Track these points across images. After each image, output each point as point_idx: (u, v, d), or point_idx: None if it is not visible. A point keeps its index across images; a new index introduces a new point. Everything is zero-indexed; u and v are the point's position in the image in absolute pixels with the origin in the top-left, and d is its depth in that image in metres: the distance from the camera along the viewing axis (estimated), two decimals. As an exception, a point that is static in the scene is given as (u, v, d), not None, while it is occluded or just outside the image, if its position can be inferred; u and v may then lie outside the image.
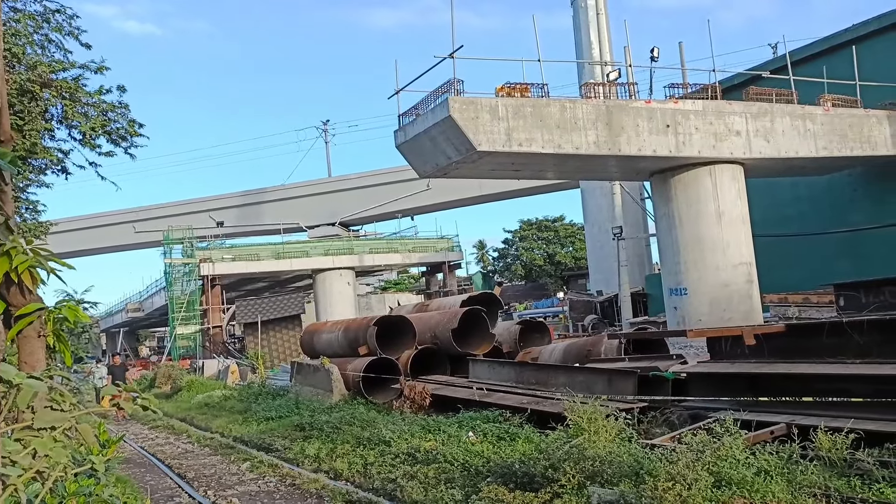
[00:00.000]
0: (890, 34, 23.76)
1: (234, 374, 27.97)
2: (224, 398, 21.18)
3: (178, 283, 41.25)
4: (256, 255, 42.31)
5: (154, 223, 55.79)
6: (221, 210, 57.08)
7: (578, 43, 40.13)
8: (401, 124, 18.62)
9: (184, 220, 49.79)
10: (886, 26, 24.11)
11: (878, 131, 21.38)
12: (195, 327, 40.21)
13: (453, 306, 18.50)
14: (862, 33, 24.55)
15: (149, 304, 58.00)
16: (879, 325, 8.15)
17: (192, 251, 41.13)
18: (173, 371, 30.32)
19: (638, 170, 20.65)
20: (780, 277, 23.40)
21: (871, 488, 5.87)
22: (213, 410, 19.62)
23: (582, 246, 57.96)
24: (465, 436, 9.94)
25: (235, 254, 42.31)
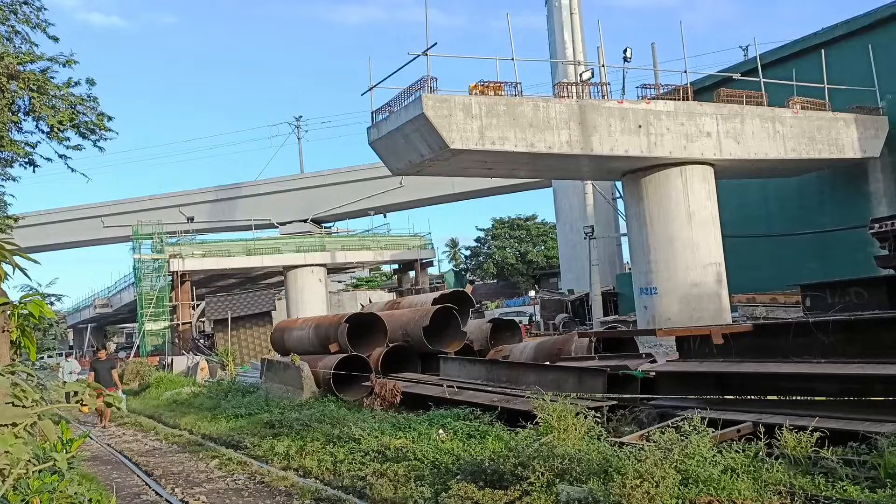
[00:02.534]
0: (857, 39, 24.16)
1: (203, 371, 27.69)
2: (193, 395, 20.96)
3: (147, 278, 40.74)
4: (227, 252, 41.92)
5: (123, 218, 55.11)
6: (192, 206, 56.50)
7: (552, 42, 40.33)
8: (374, 121, 18.55)
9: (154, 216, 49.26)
10: (854, 31, 24.52)
11: (845, 134, 21.75)
12: (164, 324, 39.76)
13: (425, 304, 18.47)
14: (830, 37, 24.94)
15: (117, 299, 57.26)
16: (844, 325, 8.28)
17: (161, 247, 40.63)
18: (141, 367, 29.96)
19: (610, 169, 20.80)
20: (748, 278, 23.72)
21: (835, 486, 5.96)
22: (182, 407, 19.40)
23: (554, 245, 58.29)
24: (436, 433, 9.92)
25: (206, 250, 41.88)
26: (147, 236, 41.69)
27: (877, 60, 22.82)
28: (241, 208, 56.14)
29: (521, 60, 17.98)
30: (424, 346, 16.22)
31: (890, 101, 23.15)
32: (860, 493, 5.74)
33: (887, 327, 8.05)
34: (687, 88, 19.65)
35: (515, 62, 17.64)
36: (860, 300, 10.15)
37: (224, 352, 28.05)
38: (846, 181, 24.08)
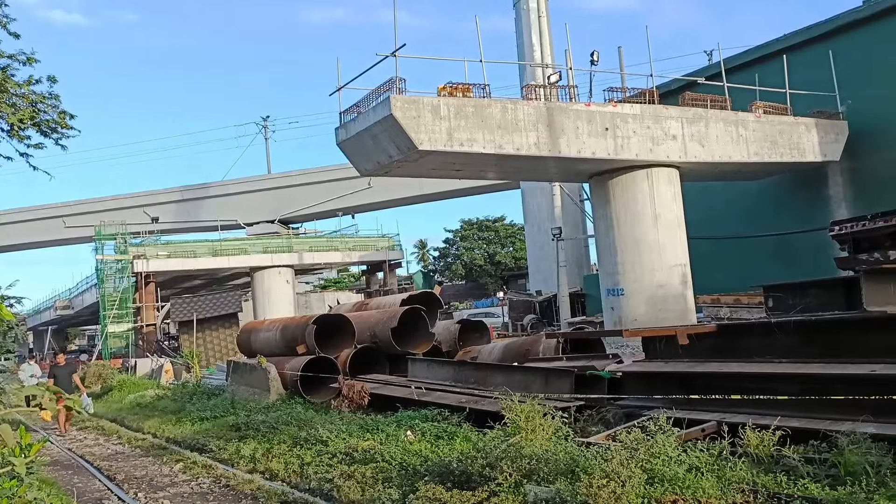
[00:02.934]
0: (818, 45, 24.66)
1: (167, 374, 27.30)
2: (157, 398, 20.66)
3: (110, 280, 40.05)
4: (193, 252, 41.41)
5: (86, 218, 54.16)
6: (157, 206, 55.73)
7: (520, 45, 40.53)
8: (342, 122, 18.47)
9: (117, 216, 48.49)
10: (815, 37, 25.03)
11: (806, 139, 22.19)
12: (127, 325, 39.12)
13: (393, 305, 18.42)
14: (792, 43, 25.43)
15: (79, 301, 56.19)
16: (805, 325, 8.44)
17: (125, 247, 39.98)
18: (104, 370, 29.44)
19: (577, 171, 20.96)
20: (713, 279, 24.05)
21: (797, 484, 6.06)
22: (146, 411, 19.11)
23: (522, 246, 58.56)
24: (404, 435, 9.90)
25: (171, 250, 41.32)
26: (110, 237, 41.00)
27: (837, 66, 23.32)
28: (208, 209, 55.49)
29: (490, 62, 18.06)
30: (392, 348, 16.18)
31: (850, 106, 23.67)
32: (821, 491, 5.85)
33: (846, 328, 8.22)
34: (653, 92, 19.88)
35: (484, 64, 17.71)
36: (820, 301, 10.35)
37: (189, 354, 27.69)
38: (807, 184, 24.55)
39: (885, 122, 23.09)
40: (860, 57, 23.72)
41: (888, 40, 23.22)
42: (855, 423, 6.65)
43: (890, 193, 21.59)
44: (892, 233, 11.71)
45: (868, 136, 23.34)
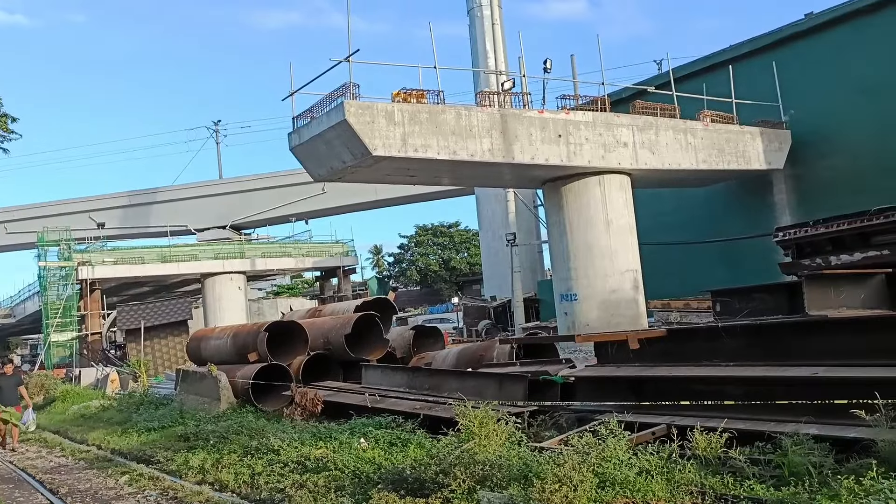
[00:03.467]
0: (763, 56, 25.34)
1: (113, 384, 26.65)
2: (102, 409, 20.16)
3: (54, 287, 38.92)
4: (141, 259, 40.51)
5: (28, 224, 52.64)
6: (104, 211, 54.42)
7: (474, 52, 40.73)
8: (295, 127, 18.31)
9: (61, 221, 47.12)
10: (760, 48, 25.71)
11: (751, 147, 22.76)
12: (72, 334, 38.06)
13: (347, 312, 18.31)
14: (738, 54, 26.08)
15: (20, 309, 54.54)
16: (750, 329, 8.63)
17: (69, 254, 38.90)
18: (47, 380, 28.59)
19: (531, 178, 21.13)
20: (663, 284, 24.46)
21: (743, 485, 6.19)
22: (90, 422, 18.63)
23: (477, 252, 58.78)
24: (357, 442, 9.82)
25: (118, 257, 40.35)
26: (54, 243, 39.88)
27: (780, 77, 23.99)
28: (157, 214, 54.40)
29: (444, 69, 18.09)
30: (346, 355, 16.07)
31: (792, 115, 24.36)
32: (766, 492, 5.97)
33: (789, 331, 8.44)
34: (604, 100, 20.16)
35: (438, 70, 17.74)
36: (765, 305, 10.60)
37: (136, 363, 27.10)
38: (753, 192, 25.17)
39: (826, 131, 23.82)
40: (802, 68, 24.44)
41: (827, 52, 23.98)
42: (798, 425, 6.82)
43: (831, 200, 22.25)
44: (833, 238, 12.06)
45: (810, 144, 24.05)
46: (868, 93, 22.96)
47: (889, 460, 5.83)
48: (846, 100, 23.46)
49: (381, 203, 53.93)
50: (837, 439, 6.53)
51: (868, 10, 22.89)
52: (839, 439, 6.53)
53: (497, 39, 37.57)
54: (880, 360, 7.29)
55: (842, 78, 23.58)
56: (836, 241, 11.73)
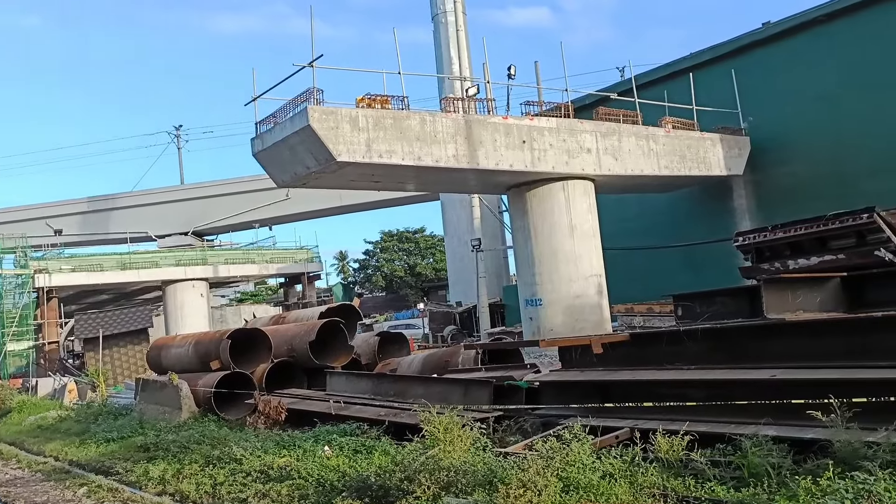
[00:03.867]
0: (722, 63, 25.79)
1: (71, 394, 26.06)
2: (60, 419, 19.69)
3: (10, 295, 37.98)
4: (100, 266, 39.73)
5: (-18, 230, 51.32)
6: (61, 218, 53.25)
7: (439, 57, 40.80)
8: (258, 132, 18.15)
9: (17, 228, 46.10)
10: (719, 56, 26.17)
11: (712, 153, 23.12)
12: (28, 343, 37.16)
13: (311, 318, 18.16)
14: (698, 61, 26.50)
15: (-25, 318, 53.04)
16: (711, 333, 8.75)
17: (25, 261, 38.02)
18: (2, 391, 27.84)
19: (496, 183, 21.20)
20: (627, 289, 24.67)
21: (704, 487, 6.26)
22: (48, 433, 18.18)
23: (442, 257, 58.80)
24: (321, 450, 9.73)
25: (75, 264, 39.54)
26: (9, 250, 38.93)
27: (739, 84, 24.44)
28: (116, 221, 53.46)
29: (408, 75, 18.09)
30: (311, 362, 15.93)
31: (751, 122, 24.82)
32: (726, 493, 6.05)
33: (749, 334, 8.57)
34: (568, 106, 20.34)
35: (402, 76, 17.73)
36: (726, 309, 10.75)
37: (95, 372, 26.52)
38: (713, 197, 25.57)
39: (784, 137, 24.32)
40: (760, 76, 24.93)
41: (785, 60, 24.51)
42: (758, 426, 6.93)
43: (789, 205, 22.70)
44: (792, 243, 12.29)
45: (769, 150, 24.52)
46: (824, 100, 23.49)
47: (845, 460, 5.95)
48: (803, 107, 23.98)
49: (346, 209, 53.70)
50: (795, 440, 6.64)
51: (823, 19, 23.44)
52: (797, 440, 6.64)
53: (461, 46, 37.70)
54: (836, 361, 7.44)
55: (799, 85, 24.11)
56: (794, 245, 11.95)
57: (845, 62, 23.03)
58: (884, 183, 21.36)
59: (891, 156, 21.77)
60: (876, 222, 9.99)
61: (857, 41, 22.76)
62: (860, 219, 10.18)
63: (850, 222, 10.34)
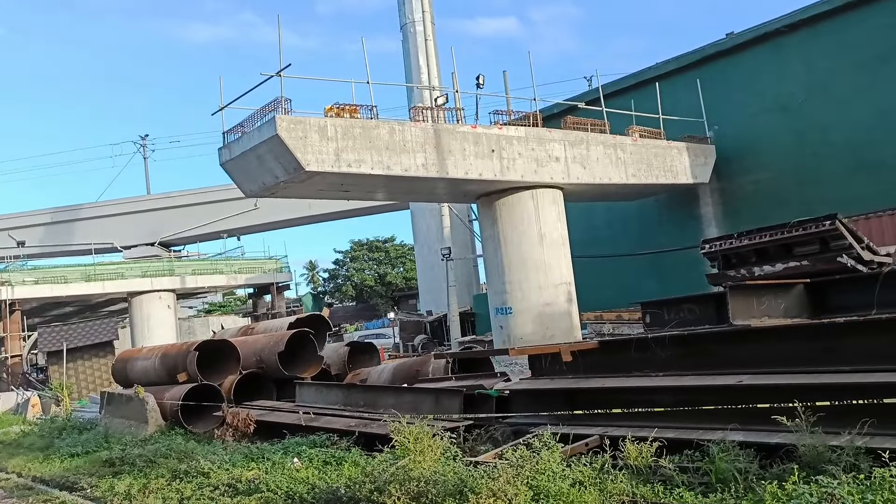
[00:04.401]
0: (687, 73, 26.19)
1: (35, 408, 25.53)
2: (23, 434, 19.26)
3: (-29, 308, 37.17)
4: (64, 278, 39.06)
5: (-57, 242, 50.16)
6: (24, 229, 52.23)
7: (408, 67, 40.87)
8: (226, 142, 18.00)
9: (-22, 239, 45.18)
10: (684, 66, 26.56)
11: (678, 161, 23.42)
12: (-10, 357, 36.39)
13: (280, 329, 17.99)
14: (663, 71, 26.88)
15: (-66, 332, 51.75)
16: (679, 339, 8.83)
17: (-13, 273, 37.27)
18: (-37, 407, 27.22)
19: (465, 192, 21.25)
20: (596, 296, 24.88)
21: (672, 493, 6.29)
22: (10, 448, 17.76)
23: (412, 266, 58.72)
24: (290, 462, 9.63)
25: (39, 276, 38.83)
26: (-29, 262, 38.16)
27: (704, 94, 24.83)
28: (81, 232, 52.57)
29: (377, 84, 18.09)
30: (280, 373, 15.77)
31: (717, 131, 25.23)
32: (694, 499, 6.09)
33: (715, 341, 8.66)
34: (536, 115, 20.47)
35: (371, 85, 17.72)
36: (693, 316, 10.86)
37: (59, 386, 26.02)
38: (680, 205, 25.90)
39: (748, 146, 24.75)
40: (724, 85, 25.36)
41: (748, 70, 24.96)
42: (725, 432, 6.99)
43: (755, 212, 23.08)
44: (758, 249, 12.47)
45: (733, 159, 24.93)
46: (787, 109, 23.96)
47: (810, 464, 6.03)
48: (767, 116, 24.44)
49: (315, 218, 53.40)
50: (762, 445, 6.71)
51: (785, 30, 23.93)
52: (763, 445, 6.71)
53: (430, 55, 37.82)
54: (800, 366, 7.55)
55: (761, 95, 24.57)
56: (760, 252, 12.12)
57: (807, 72, 23.53)
58: (846, 190, 21.84)
59: (851, 164, 22.26)
60: (838, 229, 10.17)
61: (818, 52, 23.27)
62: (823, 226, 10.35)
63: (814, 229, 10.50)
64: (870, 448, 5.99)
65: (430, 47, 38.22)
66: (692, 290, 15.99)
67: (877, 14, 22.04)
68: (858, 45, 22.38)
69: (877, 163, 21.69)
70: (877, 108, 21.96)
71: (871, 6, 22.13)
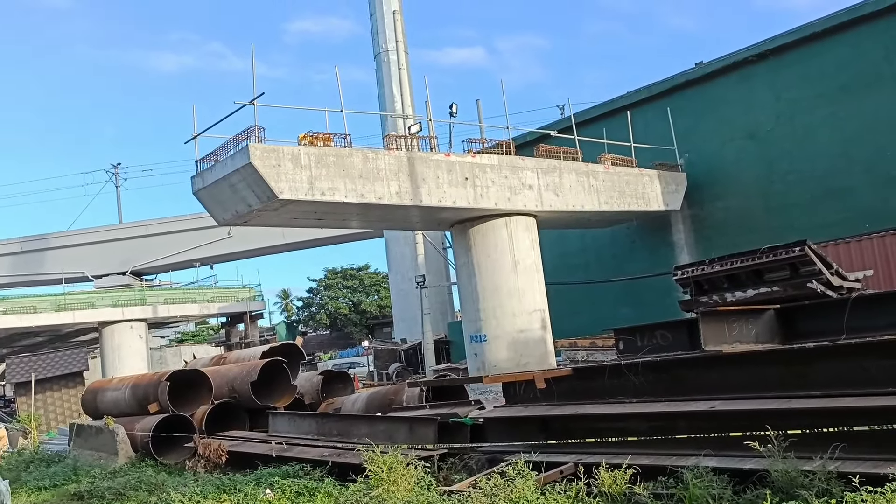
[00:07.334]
0: (657, 102, 26.64)
1: (1, 441, 24.91)
2: (-13, 469, 18.77)
3: (-64, 339, 36.36)
4: (33, 308, 38.38)
5: None
6: (-8, 258, 51.45)
7: (381, 95, 41.10)
8: (198, 170, 17.91)
9: (-55, 269, 44.33)
10: (654, 95, 27.02)
11: (650, 188, 23.70)
12: (-45, 389, 35.53)
13: (253, 358, 17.80)
14: (634, 100, 27.31)
15: None
16: (651, 366, 8.87)
17: (-47, 303, 36.52)
18: (-75, 441, 26.44)
19: (439, 220, 21.29)
20: (570, 323, 24.94)
21: (647, 520, 6.30)
22: (-27, 484, 17.28)
23: (387, 294, 58.55)
24: (263, 493, 9.49)
25: (7, 306, 38.12)
26: (-64, 292, 37.39)
27: (675, 122, 25.24)
28: (51, 261, 51.79)
29: (351, 112, 18.15)
30: (253, 402, 15.58)
31: (687, 159, 25.61)
32: (669, 525, 6.09)
33: (688, 367, 8.72)
34: (509, 143, 20.65)
35: (345, 114, 17.79)
36: (666, 342, 10.93)
37: (27, 417, 25.46)
38: (653, 231, 26.17)
39: (718, 173, 25.16)
40: (694, 114, 25.82)
41: (717, 99, 25.46)
42: (699, 458, 7.00)
43: (726, 238, 23.40)
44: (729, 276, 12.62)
45: (704, 186, 25.31)
46: (755, 137, 24.43)
47: (783, 489, 6.06)
48: (735, 144, 24.89)
49: (289, 247, 53.17)
50: (735, 471, 6.73)
51: (754, 59, 24.47)
52: (737, 471, 6.73)
53: (403, 84, 38.06)
54: (771, 392, 7.62)
55: (730, 123, 25.04)
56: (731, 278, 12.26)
57: (774, 101, 24.03)
58: (813, 217, 22.24)
59: (818, 191, 22.70)
60: (808, 255, 10.32)
61: (785, 82, 23.80)
62: (793, 252, 10.50)
63: (784, 255, 10.64)
64: (841, 472, 6.03)
65: (404, 76, 38.48)
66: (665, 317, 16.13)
67: (839, 45, 22.63)
68: (822, 75, 22.94)
69: (842, 190, 22.14)
70: (840, 138, 22.46)
71: (833, 37, 22.72)
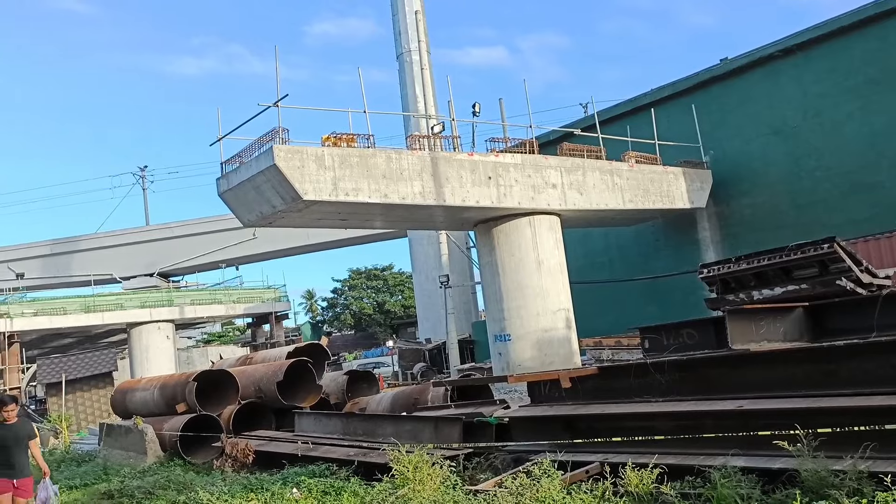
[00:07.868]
0: (682, 99, 26.40)
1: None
2: (20, 468, 19.08)
3: (-31, 341, 37.04)
4: (63, 309, 38.98)
5: (-59, 275, 50.13)
6: (23, 261, 52.22)
7: (404, 96, 41.18)
8: (224, 172, 18.08)
9: (-23, 272, 45.19)
10: (679, 91, 26.79)
11: (675, 186, 23.50)
12: (-12, 390, 36.17)
13: (279, 358, 17.94)
14: (659, 97, 27.09)
15: (-68, 365, 51.47)
16: (678, 365, 8.80)
17: (-14, 306, 37.20)
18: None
19: (463, 220, 21.29)
20: (595, 322, 24.83)
21: (671, 520, 6.25)
22: (6, 483, 17.58)
23: (411, 294, 58.67)
24: (290, 493, 9.56)
25: (38, 308, 38.75)
26: (-31, 295, 38.12)
27: (699, 119, 25.01)
28: (80, 263, 52.55)
29: (374, 113, 18.22)
30: (279, 402, 15.70)
31: (712, 156, 25.36)
32: (697, 525, 6.05)
33: (715, 365, 8.64)
34: (533, 142, 20.58)
35: (368, 114, 17.84)
36: (692, 340, 10.83)
37: (58, 418, 25.88)
38: (678, 229, 25.95)
39: (744, 170, 24.89)
40: (719, 110, 25.57)
41: (742, 95, 25.18)
42: (726, 458, 6.94)
43: (752, 236, 23.15)
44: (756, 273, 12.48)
45: (730, 183, 25.05)
46: (781, 133, 24.14)
47: (813, 489, 5.99)
48: (762, 140, 24.61)
49: (313, 247, 53.43)
50: (764, 470, 6.67)
51: (778, 55, 24.18)
52: (765, 470, 6.67)
53: (426, 84, 38.08)
54: (800, 390, 7.53)
55: (756, 119, 24.76)
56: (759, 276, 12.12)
57: (800, 96, 23.73)
58: (841, 213, 21.93)
59: (846, 187, 22.38)
60: (836, 252, 10.17)
61: (811, 77, 23.50)
62: (821, 248, 10.35)
63: (812, 252, 10.49)
64: (872, 472, 5.95)
65: (427, 76, 38.51)
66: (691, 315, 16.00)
67: (866, 39, 22.29)
68: (849, 69, 22.61)
69: (870, 186, 21.81)
70: (869, 132, 22.13)
71: (860, 31, 22.39)
